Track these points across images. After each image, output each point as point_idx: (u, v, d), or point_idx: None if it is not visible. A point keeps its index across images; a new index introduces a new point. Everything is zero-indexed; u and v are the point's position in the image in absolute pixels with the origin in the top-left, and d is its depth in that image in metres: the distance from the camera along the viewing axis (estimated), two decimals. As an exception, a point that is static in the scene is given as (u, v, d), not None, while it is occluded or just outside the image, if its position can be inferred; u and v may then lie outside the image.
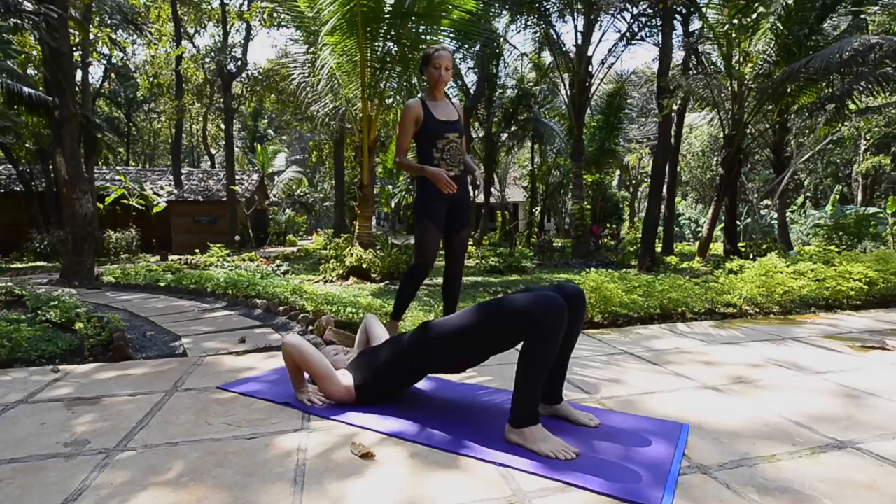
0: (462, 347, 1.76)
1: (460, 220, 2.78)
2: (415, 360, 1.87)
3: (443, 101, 2.75)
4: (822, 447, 1.64)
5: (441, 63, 2.64)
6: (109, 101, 25.66)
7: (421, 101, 2.69)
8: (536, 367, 1.59)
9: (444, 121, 2.68)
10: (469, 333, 1.71)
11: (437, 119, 2.68)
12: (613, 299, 3.61)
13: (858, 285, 4.18)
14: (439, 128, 2.66)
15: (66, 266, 7.06)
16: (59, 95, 6.75)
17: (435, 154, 2.67)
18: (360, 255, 6.78)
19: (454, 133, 2.69)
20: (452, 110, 2.75)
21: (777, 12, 8.39)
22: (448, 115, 2.71)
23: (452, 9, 6.03)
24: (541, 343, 1.57)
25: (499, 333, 1.66)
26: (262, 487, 1.40)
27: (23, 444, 1.66)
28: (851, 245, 10.62)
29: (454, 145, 2.68)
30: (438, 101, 2.73)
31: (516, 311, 1.60)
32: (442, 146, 2.67)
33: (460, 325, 1.73)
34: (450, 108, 2.75)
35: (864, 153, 18.42)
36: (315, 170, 29.71)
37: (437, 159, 2.66)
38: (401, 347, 1.91)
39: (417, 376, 1.98)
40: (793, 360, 2.65)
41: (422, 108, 2.68)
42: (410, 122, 2.68)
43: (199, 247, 12.46)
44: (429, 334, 1.81)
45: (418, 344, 1.84)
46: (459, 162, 2.71)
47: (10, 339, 2.71)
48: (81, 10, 10.05)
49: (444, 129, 2.67)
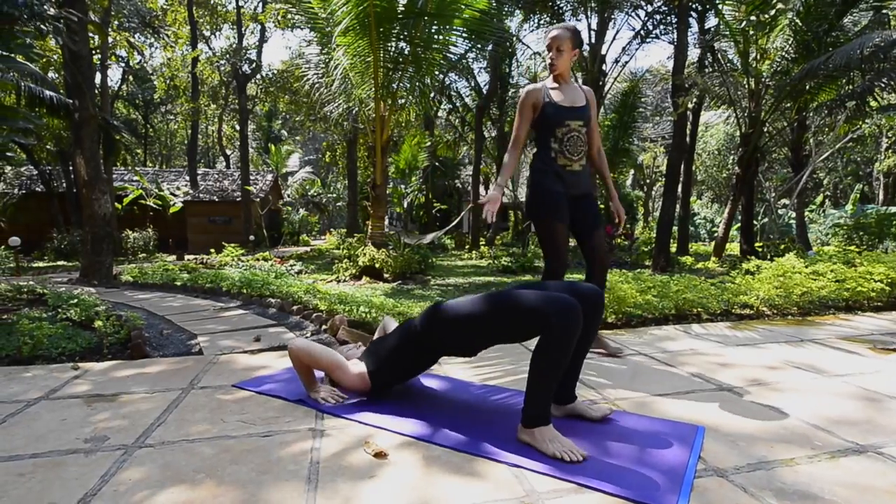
0: (470, 333, 1.77)
1: (589, 218, 2.50)
2: (424, 342, 1.87)
3: (568, 84, 2.48)
4: (842, 451, 1.61)
5: (548, 45, 2.43)
6: (127, 104, 26.05)
7: (543, 86, 2.47)
8: (548, 369, 1.58)
9: (565, 106, 2.42)
10: (478, 322, 1.70)
11: (556, 104, 2.42)
12: (627, 300, 3.58)
13: (880, 286, 4.10)
14: (558, 114, 2.41)
15: (85, 265, 7.19)
16: (78, 98, 6.88)
17: (553, 144, 2.43)
18: (373, 255, 6.80)
19: (577, 121, 2.42)
20: (579, 95, 2.48)
21: (795, 8, 8.24)
22: (573, 101, 2.44)
23: (465, 8, 6.03)
24: (554, 346, 1.56)
25: (509, 327, 1.67)
26: (276, 485, 1.41)
27: (44, 440, 1.69)
28: (872, 245, 10.40)
29: (576, 135, 2.42)
30: (563, 85, 2.47)
31: (530, 309, 1.59)
32: (561, 135, 2.41)
33: (470, 312, 1.72)
34: (577, 92, 2.48)
35: (886, 151, 18.01)
36: (328, 170, 29.89)
37: (554, 150, 2.43)
38: (411, 331, 1.91)
39: (430, 359, 1.97)
40: (811, 363, 2.60)
41: (542, 92, 2.45)
42: (526, 108, 2.47)
43: (215, 246, 12.62)
44: (438, 317, 1.80)
45: (428, 326, 1.83)
46: (581, 154, 2.45)
47: (32, 337, 2.77)
48: (100, 14, 10.24)
49: (564, 115, 2.41)
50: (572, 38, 2.42)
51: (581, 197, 2.49)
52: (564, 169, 2.43)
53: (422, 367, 2.02)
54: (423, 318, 1.86)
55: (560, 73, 2.46)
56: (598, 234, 2.51)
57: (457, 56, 7.46)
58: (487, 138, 16.46)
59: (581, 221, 2.50)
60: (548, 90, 2.46)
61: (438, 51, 6.67)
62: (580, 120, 2.43)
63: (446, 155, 19.36)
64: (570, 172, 2.43)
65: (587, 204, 2.51)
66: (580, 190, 2.47)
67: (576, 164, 2.44)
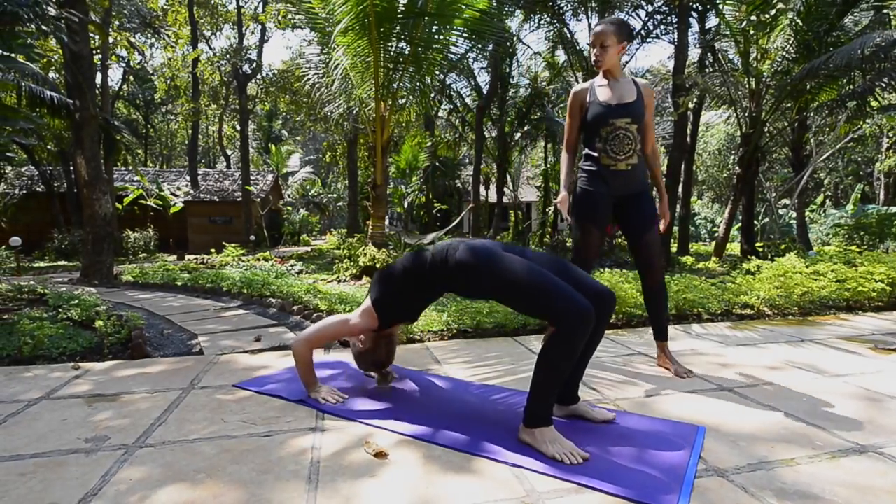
0: (491, 288, 1.72)
1: (640, 218, 2.38)
2: (437, 274, 1.80)
3: (616, 80, 2.38)
4: (843, 451, 1.61)
5: (591, 42, 2.35)
6: (128, 104, 26.12)
7: (591, 84, 2.41)
8: (554, 371, 1.58)
9: (610, 104, 2.33)
10: (507, 284, 1.66)
11: (601, 103, 2.34)
12: (628, 300, 3.58)
13: (881, 286, 4.09)
14: (603, 113, 2.33)
15: (86, 265, 7.20)
16: (79, 98, 6.88)
17: (597, 144, 2.35)
18: (374, 255, 6.80)
19: (624, 118, 2.31)
20: (629, 91, 2.36)
21: (796, 8, 8.23)
22: (620, 97, 2.34)
23: (465, 8, 6.02)
24: (563, 345, 1.56)
25: (526, 302, 1.65)
26: (276, 485, 1.41)
27: (45, 440, 1.70)
28: (873, 245, 10.38)
29: (622, 133, 2.31)
30: (612, 82, 2.38)
31: (556, 299, 1.57)
32: (605, 134, 2.33)
33: (504, 272, 1.66)
34: (626, 88, 2.37)
35: (887, 151, 18.01)
36: (329, 170, 29.91)
37: (598, 150, 2.35)
38: (427, 258, 1.83)
39: (436, 291, 1.91)
40: (812, 363, 2.60)
41: (588, 91, 2.39)
42: (574, 109, 2.42)
43: (215, 246, 12.63)
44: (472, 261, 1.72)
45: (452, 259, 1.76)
46: (629, 153, 2.33)
47: (33, 337, 2.77)
48: (101, 15, 10.24)
49: (609, 113, 2.32)
50: (616, 31, 2.32)
51: (631, 196, 2.39)
52: (609, 169, 2.35)
53: (426, 298, 1.95)
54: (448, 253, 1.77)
55: (608, 70, 2.37)
56: (647, 236, 2.38)
57: (457, 56, 7.45)
58: (488, 138, 16.44)
59: (630, 221, 2.40)
60: (595, 88, 2.39)
61: (439, 51, 6.66)
62: (628, 117, 2.31)
63: (447, 155, 19.37)
64: (616, 172, 2.34)
65: (638, 203, 2.39)
66: (629, 189, 2.38)
67: (622, 164, 2.33)
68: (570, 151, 2.51)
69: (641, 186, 2.41)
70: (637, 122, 2.33)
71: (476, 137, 14.69)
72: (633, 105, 2.34)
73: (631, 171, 2.35)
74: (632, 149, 2.33)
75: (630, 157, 2.33)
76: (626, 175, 2.35)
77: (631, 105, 2.34)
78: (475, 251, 1.74)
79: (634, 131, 2.33)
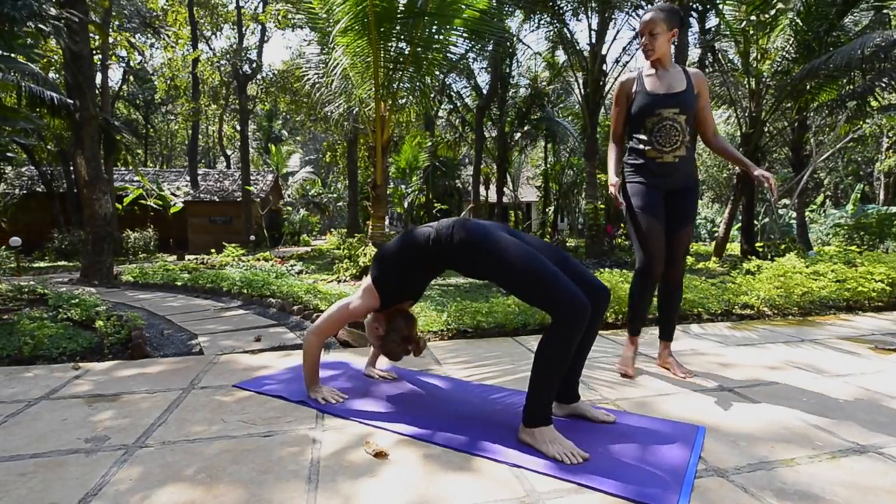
0: (483, 267, 1.72)
1: (680, 214, 2.30)
2: (439, 250, 1.78)
3: (665, 69, 2.28)
4: (843, 451, 1.61)
5: (640, 30, 2.27)
6: (128, 104, 26.13)
7: (639, 73, 2.32)
8: (551, 367, 1.58)
9: (658, 94, 2.24)
10: (506, 269, 1.66)
11: (647, 93, 2.25)
12: (628, 300, 3.57)
13: (881, 286, 4.09)
14: (649, 103, 2.24)
15: (86, 265, 7.20)
16: (79, 98, 6.88)
17: (642, 135, 2.27)
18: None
19: (672, 108, 2.21)
20: (679, 80, 2.25)
21: (796, 8, 8.24)
22: (669, 87, 2.25)
23: (465, 8, 6.02)
24: (558, 339, 1.56)
25: (523, 289, 1.65)
26: (277, 485, 1.41)
27: (45, 440, 1.70)
28: (873, 245, 10.38)
29: (669, 123, 2.21)
30: (661, 71, 2.28)
31: (552, 289, 1.56)
32: (651, 125, 2.24)
33: (504, 255, 1.66)
34: (675, 77, 2.26)
35: (887, 151, 18.00)
36: (329, 170, 29.92)
37: (643, 142, 2.26)
38: (428, 234, 1.82)
39: (437, 268, 1.90)
40: (812, 363, 2.60)
41: (635, 80, 2.30)
42: (620, 100, 2.34)
43: (215, 246, 12.63)
44: (469, 237, 1.72)
45: (452, 237, 1.75)
46: (676, 144, 2.23)
47: (33, 337, 2.77)
48: (101, 15, 10.24)
49: (655, 104, 2.23)
50: (666, 18, 2.23)
51: (678, 191, 2.30)
52: (654, 161, 2.27)
53: (427, 274, 1.94)
54: (451, 231, 1.77)
55: (657, 59, 2.27)
56: (681, 233, 2.31)
57: (457, 56, 7.45)
58: (488, 138, 16.45)
59: (668, 216, 2.31)
60: (642, 78, 2.31)
61: (438, 51, 6.66)
62: (676, 107, 2.21)
63: (447, 155, 19.39)
64: (663, 165, 2.25)
65: (684, 199, 2.31)
66: (675, 184, 2.28)
67: (668, 156, 2.23)
68: (617, 143, 2.44)
69: (690, 182, 2.31)
70: (686, 113, 2.23)
71: (476, 137, 14.69)
72: (683, 95, 2.23)
73: (678, 164, 2.26)
74: (679, 140, 2.23)
75: (677, 148, 2.23)
76: (674, 168, 2.25)
77: (680, 95, 2.23)
78: (475, 230, 1.73)
79: (683, 122, 2.22)
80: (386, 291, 1.92)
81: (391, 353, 2.05)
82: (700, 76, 2.31)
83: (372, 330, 2.06)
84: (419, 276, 1.94)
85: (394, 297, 1.96)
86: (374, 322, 2.05)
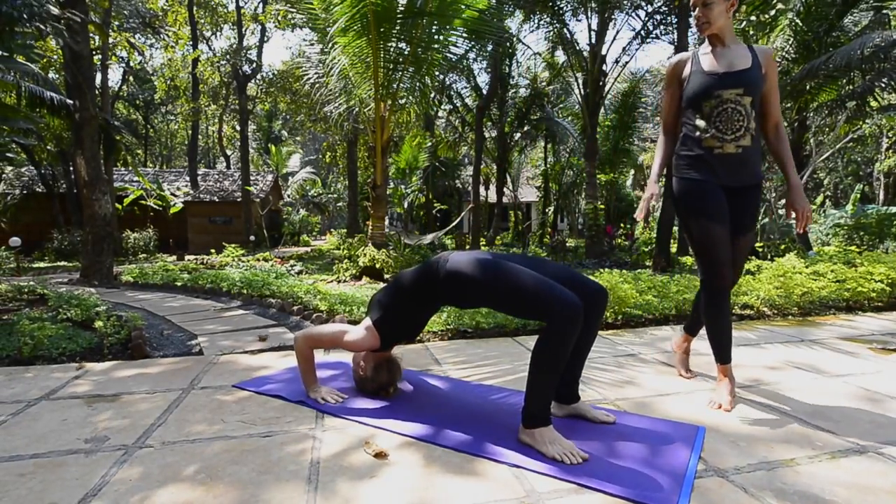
0: (474, 297, 1.80)
1: (743, 217, 1.97)
2: (432, 286, 1.83)
3: (726, 47, 1.95)
4: (843, 451, 1.61)
5: (692, 2, 1.96)
6: (127, 104, 26.13)
7: (694, 52, 2.02)
8: (547, 368, 1.59)
9: (717, 73, 1.91)
10: (487, 291, 1.73)
11: (706, 72, 1.93)
12: (628, 300, 3.58)
13: (880, 286, 4.09)
14: (707, 83, 1.91)
15: (85, 265, 7.20)
16: (79, 98, 6.88)
17: (698, 122, 1.94)
18: (373, 256, 6.80)
19: (734, 89, 1.88)
20: (742, 57, 1.92)
21: (796, 9, 8.24)
22: (730, 65, 1.91)
23: (465, 8, 6.03)
24: (552, 344, 1.57)
25: (510, 307, 1.72)
26: (276, 485, 1.41)
27: (44, 440, 1.69)
28: (873, 245, 10.38)
29: (731, 107, 1.88)
30: (719, 48, 1.95)
31: (537, 301, 1.60)
32: (709, 109, 1.91)
33: (483, 279, 1.72)
34: (738, 53, 1.92)
35: (886, 151, 18.01)
36: (328, 170, 29.91)
37: (700, 129, 1.94)
38: (421, 272, 1.87)
39: (434, 305, 1.96)
40: (812, 363, 2.60)
41: (690, 60, 1.99)
42: (671, 82, 2.04)
43: (215, 247, 12.63)
44: (452, 268, 1.78)
45: (438, 272, 1.80)
46: (739, 131, 1.89)
47: (33, 337, 2.77)
48: (101, 15, 10.24)
49: (715, 84, 1.90)
50: None
51: (741, 189, 1.96)
52: (713, 152, 1.92)
53: (427, 312, 2.01)
54: (443, 268, 1.80)
55: (714, 33, 1.94)
56: (743, 239, 1.99)
57: (457, 56, 7.45)
58: (488, 138, 16.45)
59: (730, 219, 1.96)
60: (698, 57, 1.99)
61: (438, 51, 6.67)
62: (739, 87, 1.87)
63: (447, 155, 19.38)
64: (723, 157, 1.91)
65: (746, 199, 1.97)
66: (739, 180, 1.94)
67: (730, 146, 1.89)
68: (668, 134, 2.12)
69: (755, 178, 1.96)
70: (752, 95, 1.89)
71: (476, 138, 14.69)
72: (748, 73, 1.89)
73: (742, 155, 1.91)
74: (743, 126, 1.88)
75: (741, 136, 1.89)
76: (737, 160, 1.91)
77: (744, 73, 1.89)
78: (460, 263, 1.79)
79: (747, 105, 1.89)
80: (387, 332, 1.96)
81: (363, 390, 2.13)
82: (769, 53, 1.96)
83: (357, 365, 2.12)
84: (418, 312, 1.98)
85: (393, 339, 2.01)
86: (363, 360, 2.09)
